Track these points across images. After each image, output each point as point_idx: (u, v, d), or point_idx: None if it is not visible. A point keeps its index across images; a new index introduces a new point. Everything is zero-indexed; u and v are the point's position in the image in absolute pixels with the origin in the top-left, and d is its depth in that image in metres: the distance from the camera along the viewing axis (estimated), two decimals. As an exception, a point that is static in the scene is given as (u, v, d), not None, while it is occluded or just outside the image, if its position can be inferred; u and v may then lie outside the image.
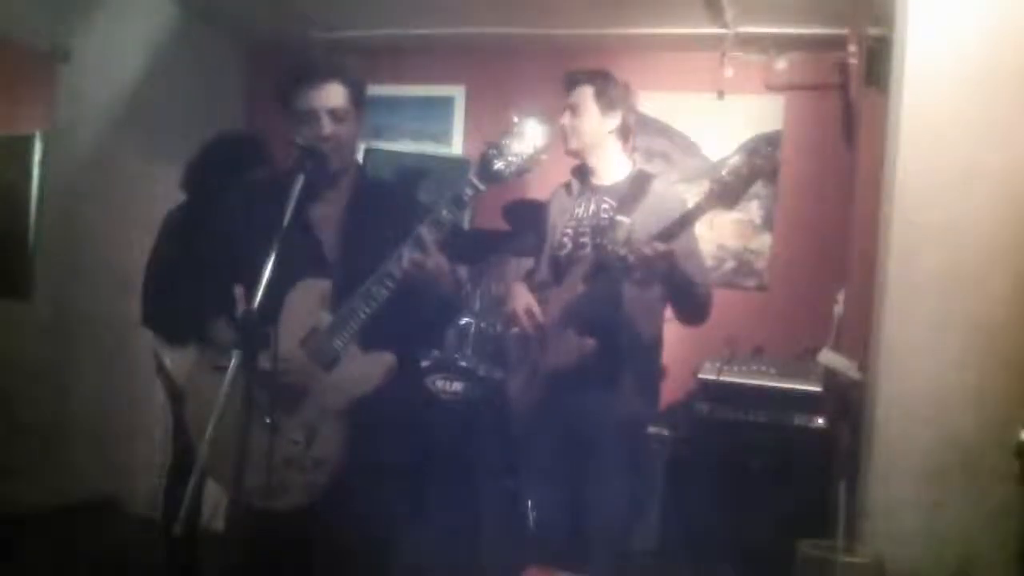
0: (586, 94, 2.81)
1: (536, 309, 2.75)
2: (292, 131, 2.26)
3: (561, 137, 2.85)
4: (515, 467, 3.37)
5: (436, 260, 2.15)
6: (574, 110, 2.82)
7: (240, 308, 2.27)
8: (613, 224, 2.68)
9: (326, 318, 2.18)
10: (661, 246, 2.47)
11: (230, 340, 2.14)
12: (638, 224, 2.66)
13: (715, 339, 3.45)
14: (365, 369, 2.18)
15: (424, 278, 2.14)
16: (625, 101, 2.85)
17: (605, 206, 2.77)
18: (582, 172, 2.91)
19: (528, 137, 2.16)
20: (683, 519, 3.26)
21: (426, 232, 2.13)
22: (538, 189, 4.10)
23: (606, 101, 2.81)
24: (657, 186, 2.81)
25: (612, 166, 2.85)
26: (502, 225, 4.05)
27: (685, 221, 2.55)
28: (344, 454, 2.16)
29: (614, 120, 2.82)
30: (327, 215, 2.30)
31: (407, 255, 2.12)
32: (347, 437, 2.16)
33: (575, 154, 2.88)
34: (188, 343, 2.50)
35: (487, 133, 2.65)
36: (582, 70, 2.87)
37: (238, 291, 2.29)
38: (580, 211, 2.83)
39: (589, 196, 2.84)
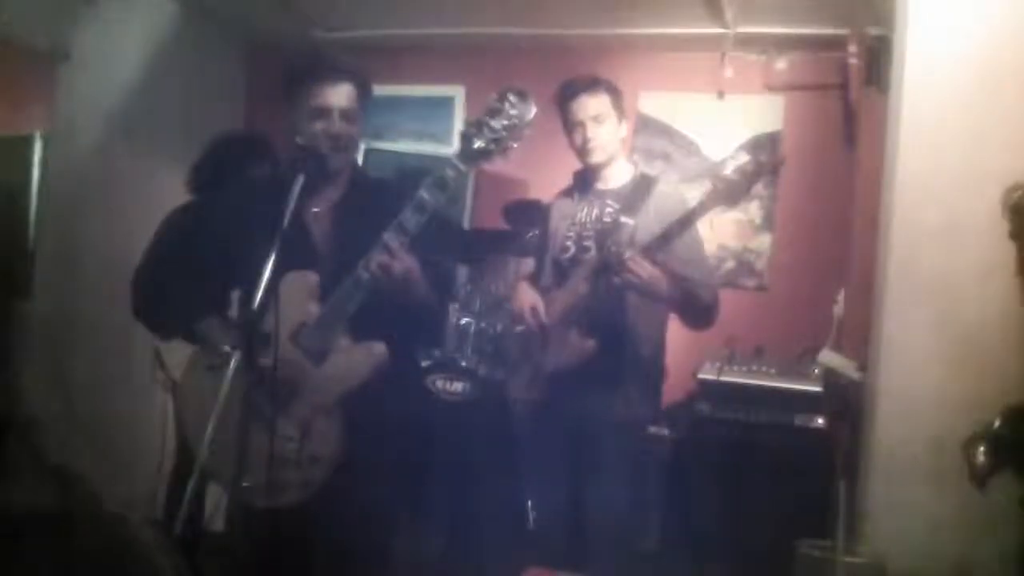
0: (606, 103, 2.79)
1: (541, 307, 2.75)
2: (297, 127, 2.26)
3: (578, 151, 2.82)
4: (515, 467, 3.37)
5: (403, 263, 2.13)
6: (598, 120, 2.77)
7: (236, 309, 2.27)
8: (617, 226, 2.68)
9: (314, 311, 2.17)
10: (647, 266, 2.49)
11: (222, 339, 2.14)
12: (641, 226, 2.66)
13: (715, 339, 3.45)
14: (356, 361, 2.17)
15: (393, 282, 2.12)
16: (625, 109, 2.87)
17: (609, 209, 2.77)
18: (584, 177, 2.91)
19: (507, 112, 2.13)
20: (683, 519, 3.26)
21: (409, 217, 2.11)
22: (538, 190, 4.11)
23: (621, 110, 2.81)
24: (660, 188, 2.81)
25: (616, 171, 2.85)
26: (502, 225, 4.05)
27: (687, 220, 2.55)
28: (340, 450, 2.15)
29: (624, 129, 2.83)
30: (319, 209, 2.30)
31: (376, 258, 2.10)
32: (342, 433, 2.16)
33: (598, 167, 2.85)
34: (177, 337, 2.51)
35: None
36: (593, 79, 2.82)
37: (234, 293, 2.29)
38: (583, 215, 2.83)
39: (592, 200, 2.84)
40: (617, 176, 2.85)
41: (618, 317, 2.69)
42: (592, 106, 2.77)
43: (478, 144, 2.13)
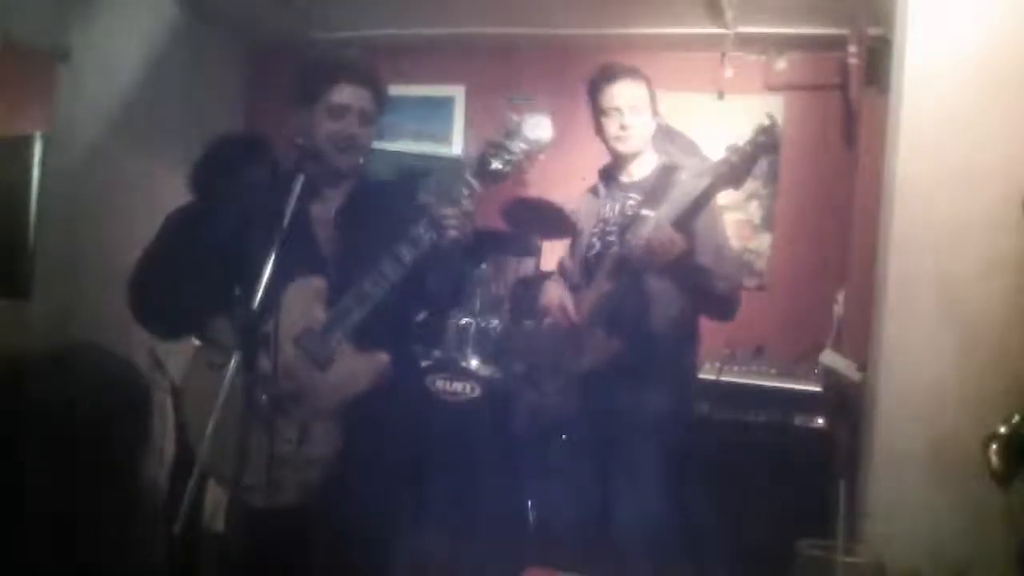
0: (644, 93, 2.75)
1: (569, 304, 2.72)
2: (307, 126, 2.25)
3: (612, 138, 2.77)
4: (516, 467, 3.37)
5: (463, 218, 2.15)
6: (636, 109, 2.72)
7: (239, 308, 2.27)
8: (638, 219, 2.65)
9: (321, 316, 2.18)
10: (668, 231, 2.46)
11: (228, 338, 2.15)
12: (663, 217, 2.62)
13: (715, 339, 3.45)
14: (358, 369, 2.17)
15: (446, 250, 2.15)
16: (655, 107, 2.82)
17: (631, 202, 2.73)
18: (610, 172, 2.87)
19: (527, 135, 2.14)
20: (683, 519, 3.25)
21: (423, 232, 2.13)
22: (538, 188, 4.11)
23: (654, 105, 2.77)
24: (681, 177, 2.73)
25: (641, 163, 2.81)
26: (502, 225, 4.05)
27: (696, 205, 2.53)
28: (338, 454, 2.15)
29: (653, 125, 2.79)
30: (325, 213, 2.31)
31: (406, 252, 2.12)
32: (341, 437, 2.16)
33: (627, 158, 2.81)
34: (180, 337, 2.51)
35: (487, 133, 2.58)
36: (630, 67, 2.77)
37: (238, 291, 2.29)
38: (606, 210, 2.80)
39: (615, 194, 2.81)
40: (642, 168, 2.81)
41: (642, 312, 2.65)
42: (632, 93, 2.72)
43: (495, 165, 2.15)
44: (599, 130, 2.79)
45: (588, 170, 3.07)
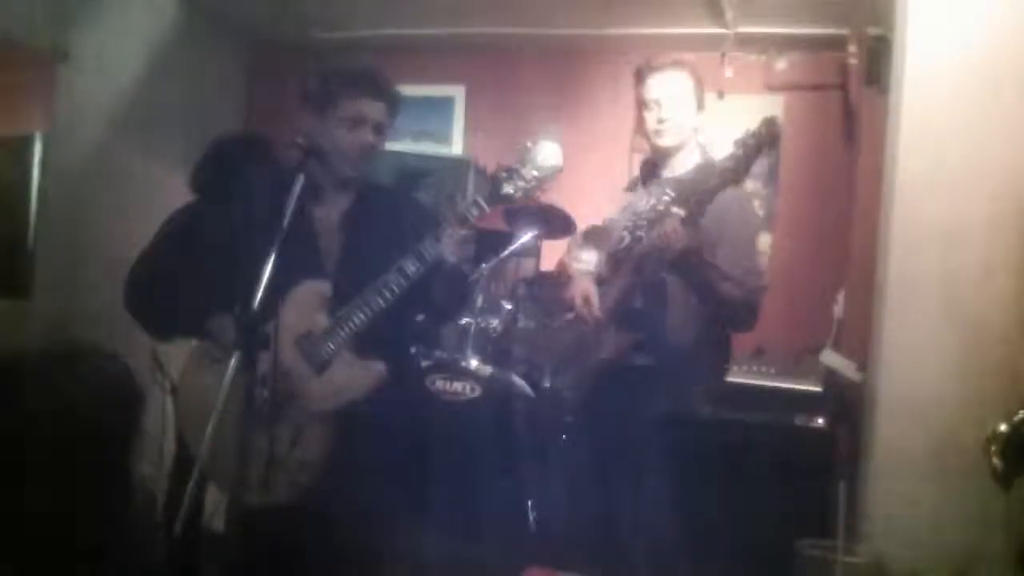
0: (688, 84, 2.71)
1: (594, 297, 2.70)
2: (317, 131, 2.25)
3: (650, 132, 2.73)
4: (517, 466, 3.36)
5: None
6: (676, 99, 2.68)
7: (240, 307, 2.28)
8: (667, 215, 2.62)
9: (323, 321, 2.18)
10: (674, 226, 2.45)
11: (229, 337, 2.15)
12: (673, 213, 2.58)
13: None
14: (356, 376, 2.18)
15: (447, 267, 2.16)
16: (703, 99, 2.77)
17: (665, 198, 2.71)
18: (650, 166, 2.85)
19: (540, 163, 2.17)
20: (683, 519, 3.25)
21: (428, 248, 2.14)
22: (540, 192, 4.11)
23: (701, 98, 2.74)
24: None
25: (684, 157, 2.77)
26: (502, 225, 4.05)
27: (702, 201, 2.52)
28: (330, 457, 2.16)
29: (699, 118, 2.75)
30: (330, 217, 2.31)
31: (411, 267, 2.14)
32: (334, 440, 2.16)
33: (668, 152, 2.77)
34: (177, 339, 2.51)
35: (488, 133, 2.60)
36: (676, 59, 2.73)
37: (239, 290, 2.29)
38: (641, 205, 2.79)
39: (653, 190, 2.79)
40: (684, 163, 2.77)
41: (660, 309, 2.63)
42: (673, 85, 2.68)
43: (506, 190, 2.19)
44: (640, 123, 2.77)
45: (586, 171, 3.07)
